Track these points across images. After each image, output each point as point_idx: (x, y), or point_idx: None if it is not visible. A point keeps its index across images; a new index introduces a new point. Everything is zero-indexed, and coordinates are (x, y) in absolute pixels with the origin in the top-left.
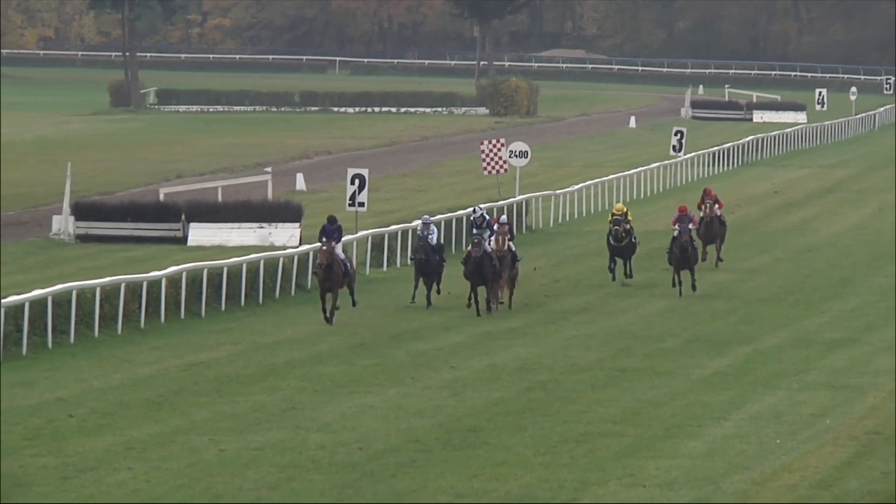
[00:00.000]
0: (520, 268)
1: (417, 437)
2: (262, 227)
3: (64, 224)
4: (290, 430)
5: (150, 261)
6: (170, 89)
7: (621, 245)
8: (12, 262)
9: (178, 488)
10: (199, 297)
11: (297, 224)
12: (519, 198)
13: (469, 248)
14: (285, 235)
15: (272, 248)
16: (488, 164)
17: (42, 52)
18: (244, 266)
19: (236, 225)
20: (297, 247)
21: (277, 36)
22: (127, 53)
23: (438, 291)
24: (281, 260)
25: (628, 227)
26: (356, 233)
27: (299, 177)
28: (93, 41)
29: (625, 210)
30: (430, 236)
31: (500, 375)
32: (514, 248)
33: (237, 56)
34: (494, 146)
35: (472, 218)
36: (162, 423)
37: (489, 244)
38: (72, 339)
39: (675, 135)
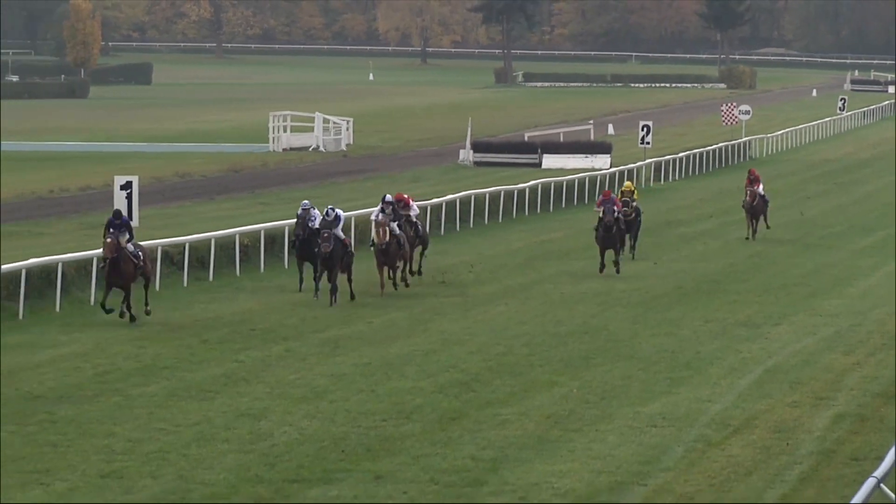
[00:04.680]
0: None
1: (680, 285)
2: (586, 157)
3: (466, 155)
4: (602, 281)
5: (518, 178)
6: (531, 72)
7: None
8: (432, 178)
9: (535, 317)
10: (548, 200)
11: (608, 155)
12: (744, 139)
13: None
14: (601, 162)
15: (592, 169)
16: (725, 118)
17: (454, 49)
18: (576, 181)
19: (571, 155)
20: (608, 168)
21: (597, 39)
22: (505, 50)
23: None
24: (598, 177)
25: (634, 204)
26: (644, 160)
27: (610, 126)
28: (484, 42)
29: (633, 189)
30: (311, 222)
31: (733, 248)
32: (398, 232)
33: (573, 52)
34: (729, 107)
35: (322, 215)
36: (526, 276)
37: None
38: (471, 225)
39: (840, 100)
